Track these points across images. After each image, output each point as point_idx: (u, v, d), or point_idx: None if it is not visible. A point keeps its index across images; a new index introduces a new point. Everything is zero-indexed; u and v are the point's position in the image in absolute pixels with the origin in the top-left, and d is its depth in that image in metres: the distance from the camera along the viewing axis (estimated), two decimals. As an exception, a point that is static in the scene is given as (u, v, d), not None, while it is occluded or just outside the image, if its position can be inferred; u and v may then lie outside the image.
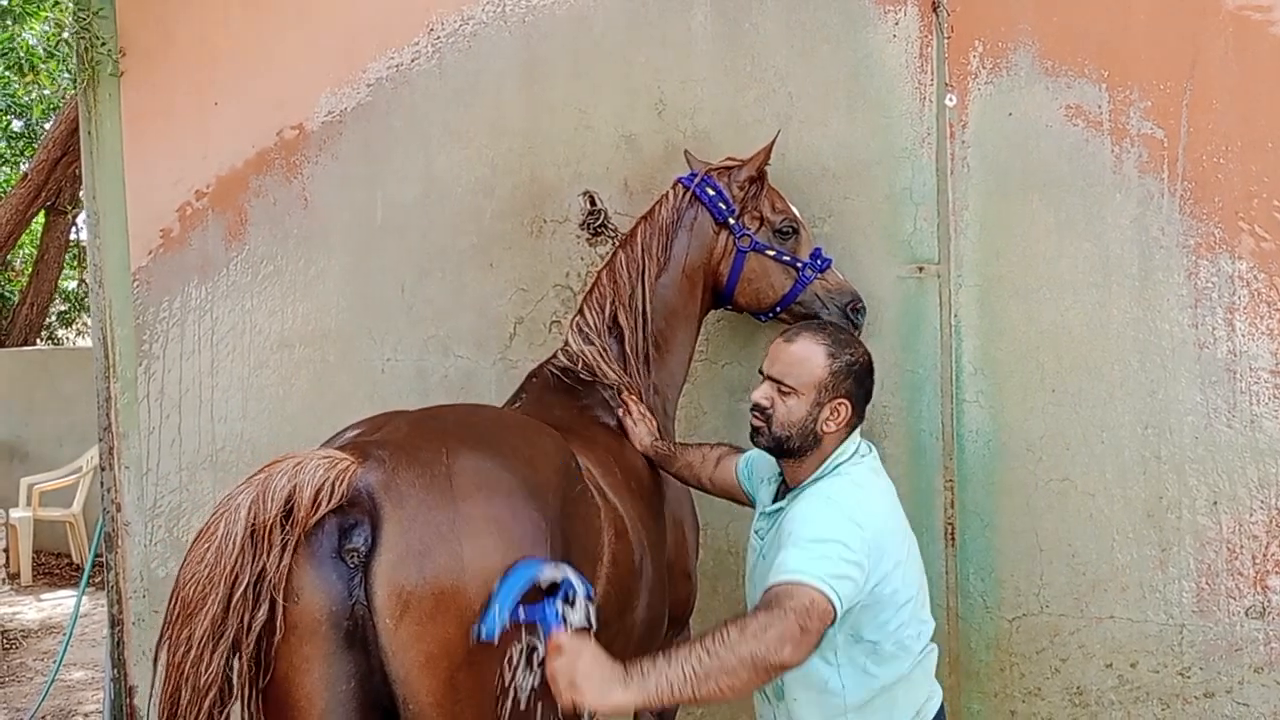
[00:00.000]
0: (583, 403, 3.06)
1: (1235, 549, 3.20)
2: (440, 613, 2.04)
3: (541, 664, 2.12)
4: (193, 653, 1.97)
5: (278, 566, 2.00)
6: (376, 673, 2.07)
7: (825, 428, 2.45)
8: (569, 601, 2.13)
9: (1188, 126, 3.21)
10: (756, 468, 2.84)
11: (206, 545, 2.00)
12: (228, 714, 2.03)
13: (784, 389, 2.46)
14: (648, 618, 2.73)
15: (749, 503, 2.86)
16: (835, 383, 2.45)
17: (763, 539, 2.60)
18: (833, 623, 2.20)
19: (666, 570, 2.94)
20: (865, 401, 2.53)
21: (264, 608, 1.99)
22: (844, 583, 2.20)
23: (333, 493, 2.03)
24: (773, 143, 3.19)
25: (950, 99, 3.40)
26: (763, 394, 2.51)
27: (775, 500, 2.61)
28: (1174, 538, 3.25)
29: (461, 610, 2.06)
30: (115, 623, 4.75)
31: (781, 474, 2.61)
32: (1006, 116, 3.37)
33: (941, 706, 2.56)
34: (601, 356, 3.10)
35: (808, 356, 2.46)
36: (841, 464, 2.48)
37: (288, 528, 2.01)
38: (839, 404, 2.45)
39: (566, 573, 2.14)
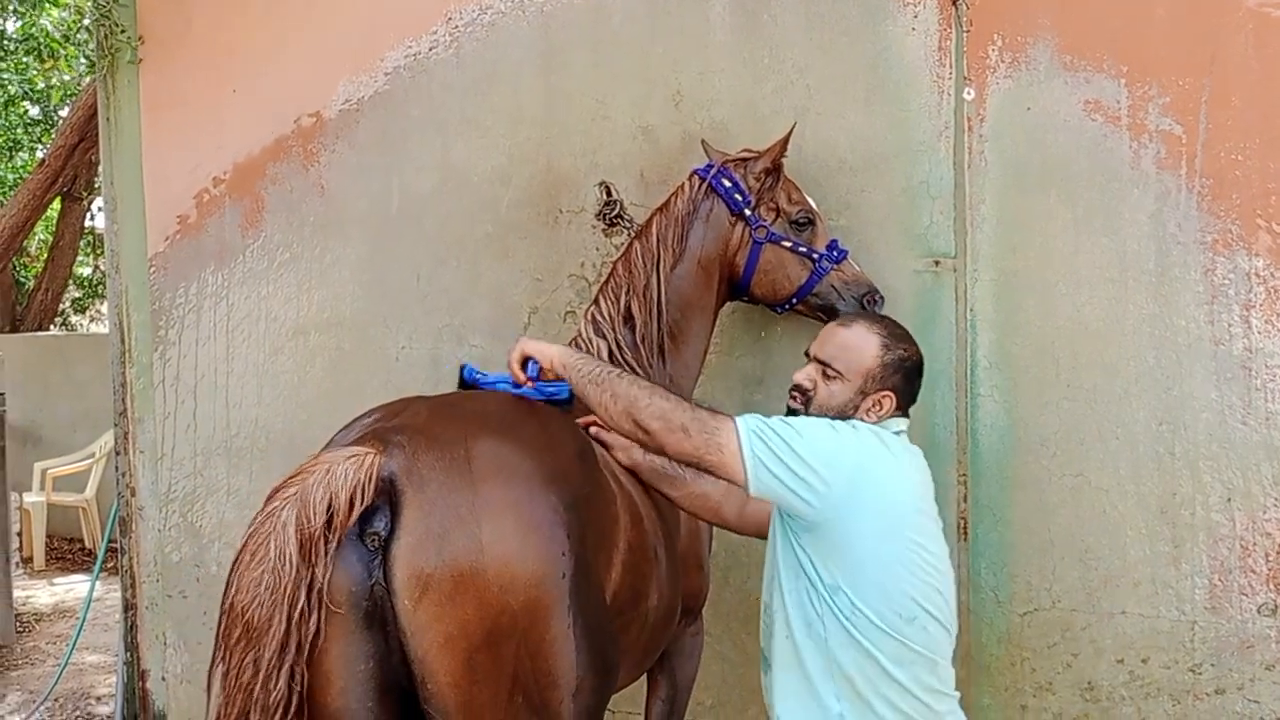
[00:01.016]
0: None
1: (1249, 546, 3.20)
2: (459, 595, 2.07)
3: None
4: (261, 674, 2.00)
5: (326, 576, 2.03)
6: (395, 653, 2.09)
7: (865, 418, 2.40)
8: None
9: (1206, 123, 3.21)
10: None
11: (261, 568, 2.01)
12: None
13: (830, 372, 2.42)
14: (661, 606, 2.74)
15: None
16: (884, 375, 2.40)
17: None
18: (740, 486, 2.29)
19: (680, 560, 2.95)
20: (910, 401, 2.48)
21: (315, 615, 2.02)
22: (770, 463, 2.24)
23: (365, 492, 2.06)
24: (789, 134, 3.19)
25: (968, 92, 3.40)
26: (806, 375, 2.46)
27: None
28: (1187, 534, 3.25)
29: (480, 592, 2.08)
30: (129, 607, 4.78)
31: None
32: (1025, 111, 3.37)
33: None
34: (614, 349, 3.10)
35: (861, 344, 2.41)
36: (875, 426, 2.41)
37: (330, 536, 2.04)
38: (884, 396, 2.41)
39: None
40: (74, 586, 7.81)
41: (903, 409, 2.45)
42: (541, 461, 2.26)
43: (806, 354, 2.51)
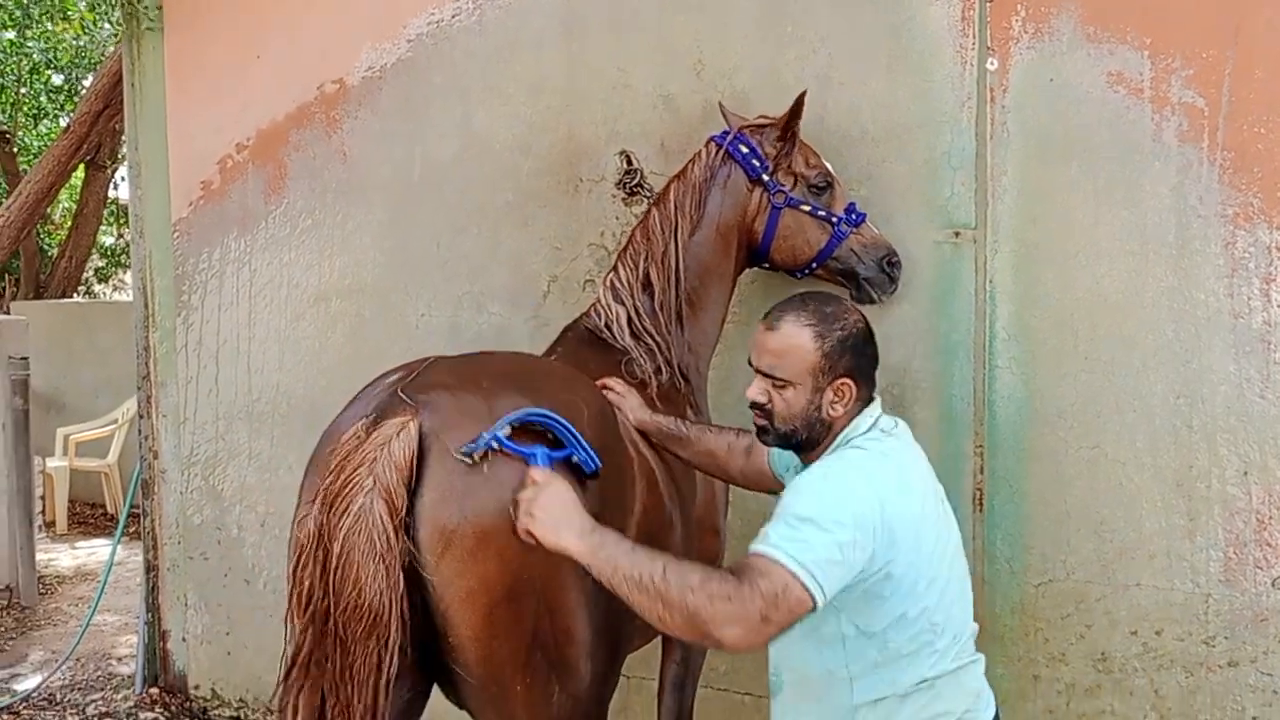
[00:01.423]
0: (617, 358, 3.08)
1: (1264, 519, 3.20)
2: (481, 550, 2.11)
3: None
4: (387, 658, 2.07)
5: (410, 548, 2.09)
6: (418, 606, 2.13)
7: (831, 411, 2.24)
8: (572, 467, 2.23)
9: (1229, 95, 3.19)
10: (783, 454, 2.60)
11: (373, 562, 2.05)
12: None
13: (777, 383, 2.24)
14: None
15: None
16: (831, 364, 2.21)
17: None
18: (813, 610, 2.00)
19: (695, 526, 2.97)
20: (872, 369, 2.30)
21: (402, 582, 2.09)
22: (829, 569, 2.00)
23: (415, 460, 2.10)
24: (802, 97, 3.15)
25: (991, 63, 3.39)
26: (757, 391, 2.28)
27: None
28: (1203, 507, 3.25)
29: (501, 549, 2.11)
30: (150, 568, 4.85)
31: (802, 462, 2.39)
32: (1047, 82, 3.35)
33: None
34: (632, 316, 3.11)
35: (794, 344, 2.21)
36: (854, 438, 2.25)
37: (409, 514, 2.10)
38: (841, 385, 2.23)
39: (575, 439, 2.23)
40: (96, 550, 7.89)
41: (866, 387, 2.28)
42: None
43: (749, 362, 2.32)
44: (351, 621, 2.07)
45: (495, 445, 2.11)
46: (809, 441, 2.28)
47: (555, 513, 2.06)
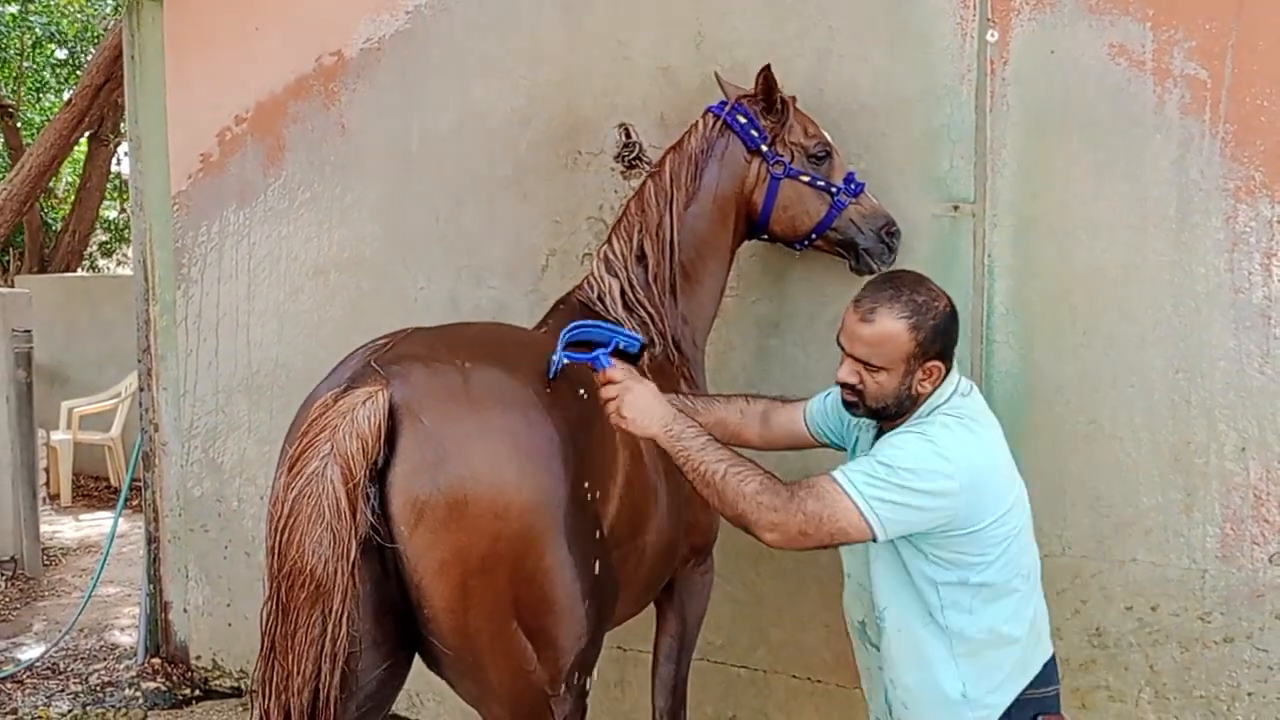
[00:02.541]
0: (610, 330, 3.07)
1: (1262, 495, 3.19)
2: (453, 521, 2.11)
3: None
4: (330, 626, 2.06)
5: (370, 519, 2.09)
6: (393, 577, 2.13)
7: (920, 389, 2.38)
8: (620, 352, 2.45)
9: (1232, 68, 3.16)
10: (828, 416, 2.77)
11: (319, 526, 2.05)
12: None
13: (871, 368, 2.36)
14: (660, 542, 2.77)
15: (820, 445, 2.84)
16: (925, 350, 2.34)
17: None
18: (874, 541, 2.25)
19: (686, 499, 2.96)
20: (955, 345, 2.45)
21: (360, 558, 2.08)
22: (893, 509, 2.21)
23: (383, 430, 2.10)
24: (767, 70, 3.14)
25: (992, 35, 3.36)
26: (849, 373, 2.39)
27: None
28: (1200, 483, 3.24)
29: (474, 519, 2.11)
30: (152, 540, 4.87)
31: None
32: (1048, 54, 3.32)
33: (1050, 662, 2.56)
34: (625, 288, 3.10)
35: (891, 335, 2.32)
36: (940, 406, 2.39)
37: (370, 483, 2.09)
38: (931, 366, 2.37)
39: (612, 331, 2.46)
40: (99, 522, 7.93)
41: (950, 361, 2.43)
42: (538, 390, 2.28)
43: (839, 343, 2.44)
44: (294, 587, 2.07)
45: (564, 362, 2.32)
46: (898, 413, 2.42)
47: (640, 408, 2.34)
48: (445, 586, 2.13)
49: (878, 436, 2.50)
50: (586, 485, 2.32)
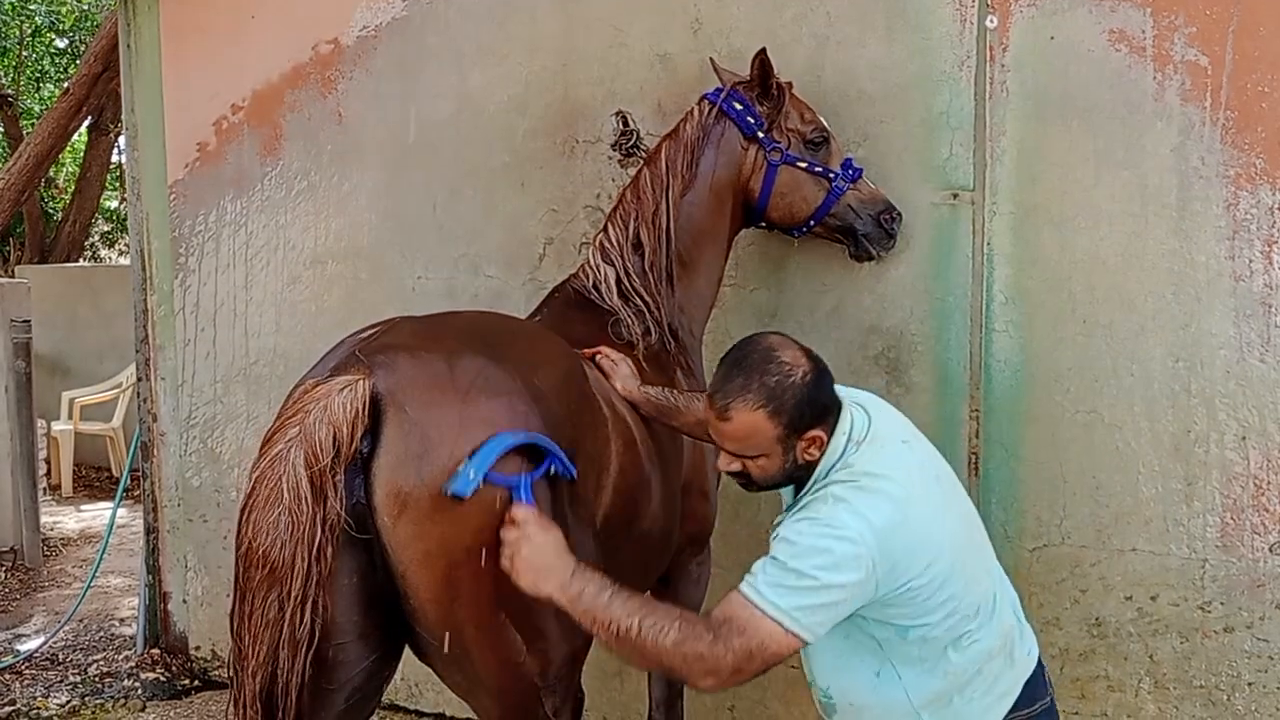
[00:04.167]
0: (604, 319, 3.05)
1: (1262, 484, 3.17)
2: (437, 512, 2.09)
3: None
4: (287, 611, 2.04)
5: (339, 508, 2.06)
6: (379, 569, 2.12)
7: (808, 457, 2.22)
8: (549, 478, 2.20)
9: (1233, 54, 3.13)
10: None
11: (277, 509, 2.03)
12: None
13: (748, 456, 2.22)
14: (655, 531, 2.75)
15: None
16: (793, 429, 2.17)
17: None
18: (806, 645, 2.09)
19: (682, 489, 2.95)
20: (833, 401, 2.25)
21: (330, 547, 2.06)
22: (814, 612, 2.05)
23: (363, 420, 2.08)
24: (763, 54, 3.10)
25: (991, 21, 3.33)
26: (728, 462, 2.26)
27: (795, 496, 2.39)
28: (1200, 472, 3.23)
29: (459, 510, 2.09)
30: (150, 530, 4.86)
31: None
32: (1048, 40, 3.30)
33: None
34: (620, 277, 3.08)
35: (753, 428, 2.16)
36: (832, 467, 2.21)
37: (338, 469, 2.06)
38: (812, 437, 2.19)
39: (552, 450, 2.20)
40: (100, 513, 7.92)
41: (833, 419, 2.23)
42: (526, 380, 2.26)
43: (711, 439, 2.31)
44: (250, 568, 2.06)
45: (480, 484, 2.09)
46: (795, 481, 2.28)
47: (537, 562, 2.08)
48: (430, 578, 2.12)
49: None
50: (582, 472, 2.30)
